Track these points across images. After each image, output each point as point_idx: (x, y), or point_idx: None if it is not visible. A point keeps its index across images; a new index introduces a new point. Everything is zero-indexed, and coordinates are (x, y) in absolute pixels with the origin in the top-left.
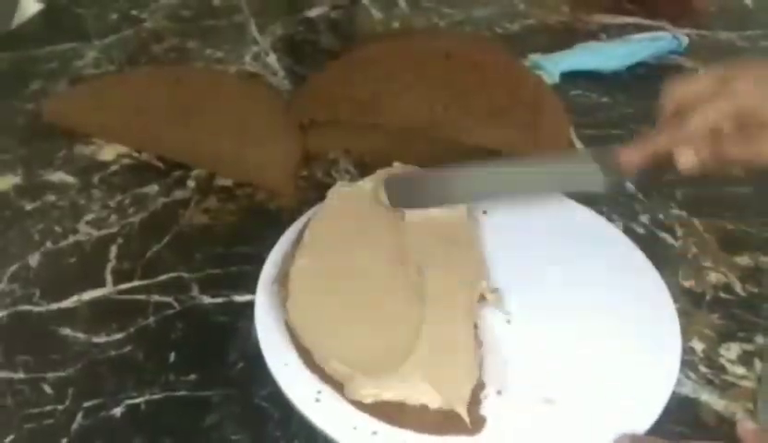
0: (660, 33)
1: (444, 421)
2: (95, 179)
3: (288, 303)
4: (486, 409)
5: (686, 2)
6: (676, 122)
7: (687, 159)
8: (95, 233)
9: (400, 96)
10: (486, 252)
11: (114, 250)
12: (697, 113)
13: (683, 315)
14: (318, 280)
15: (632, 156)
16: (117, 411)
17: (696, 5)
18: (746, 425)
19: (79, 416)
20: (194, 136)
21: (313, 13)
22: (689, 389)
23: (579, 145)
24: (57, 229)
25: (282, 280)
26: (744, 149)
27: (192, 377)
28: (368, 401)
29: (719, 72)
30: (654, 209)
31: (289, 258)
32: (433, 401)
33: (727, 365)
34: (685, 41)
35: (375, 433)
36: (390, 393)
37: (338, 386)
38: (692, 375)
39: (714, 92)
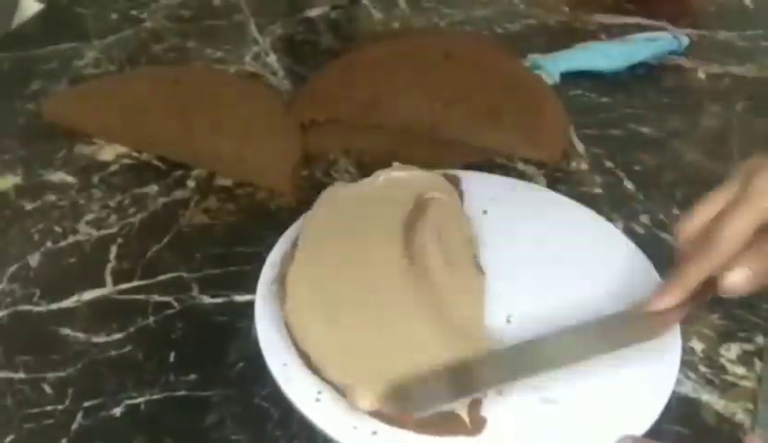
0: (660, 33)
1: (444, 421)
2: (95, 179)
3: (287, 305)
4: (486, 409)
5: (686, 2)
6: (703, 249)
7: (739, 277)
8: (95, 233)
9: (400, 96)
10: (486, 252)
11: (113, 250)
12: (725, 228)
13: None
14: (318, 280)
15: (670, 302)
16: (117, 411)
17: (696, 4)
18: (753, 440)
19: (79, 416)
20: (194, 136)
21: (313, 13)
22: (689, 389)
23: (579, 145)
24: (57, 229)
25: (282, 280)
26: None
27: (192, 377)
28: (368, 409)
29: (732, 183)
30: (654, 209)
31: (288, 259)
32: None
33: (727, 365)
34: (685, 41)
35: (375, 433)
36: None
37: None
38: (692, 375)
39: (734, 201)
